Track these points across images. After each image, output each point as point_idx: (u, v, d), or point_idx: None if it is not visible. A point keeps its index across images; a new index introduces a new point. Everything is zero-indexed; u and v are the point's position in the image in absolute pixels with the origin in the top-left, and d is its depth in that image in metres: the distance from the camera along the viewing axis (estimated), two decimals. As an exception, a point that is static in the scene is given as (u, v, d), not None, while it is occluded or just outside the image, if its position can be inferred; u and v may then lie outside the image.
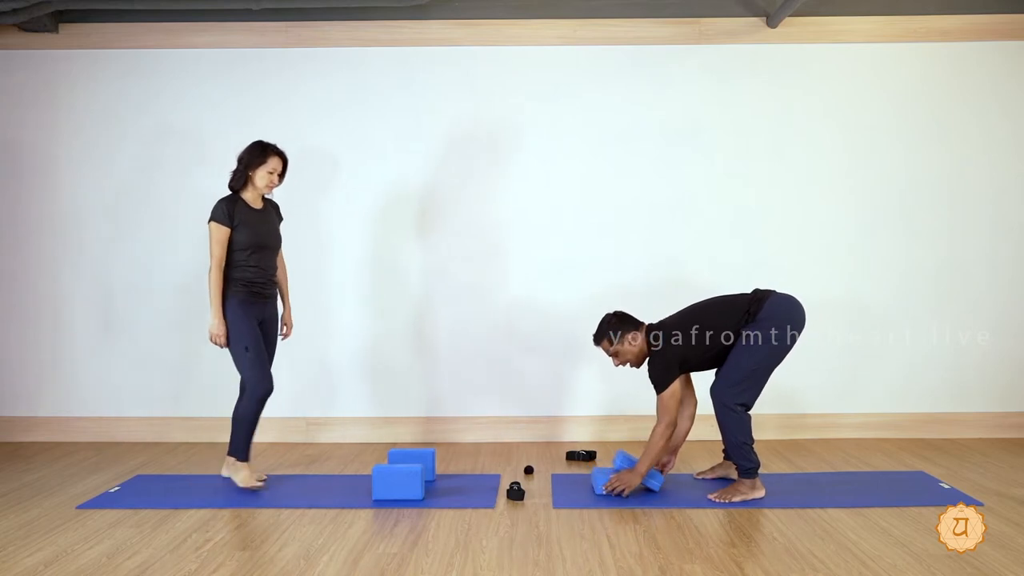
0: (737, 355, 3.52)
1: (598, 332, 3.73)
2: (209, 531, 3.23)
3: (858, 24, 4.66)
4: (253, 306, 3.74)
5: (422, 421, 4.74)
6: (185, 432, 4.77)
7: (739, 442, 3.51)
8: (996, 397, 4.72)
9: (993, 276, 4.70)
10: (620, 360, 3.72)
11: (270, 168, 3.75)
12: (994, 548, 2.94)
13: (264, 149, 3.76)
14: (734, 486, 3.56)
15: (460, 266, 4.70)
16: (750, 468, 3.53)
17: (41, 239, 4.77)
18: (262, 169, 3.74)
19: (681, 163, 4.69)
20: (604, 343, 3.70)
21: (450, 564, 2.87)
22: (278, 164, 3.78)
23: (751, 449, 3.53)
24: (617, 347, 3.67)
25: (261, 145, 3.77)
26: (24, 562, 2.92)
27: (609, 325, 3.70)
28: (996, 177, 4.69)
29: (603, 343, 3.71)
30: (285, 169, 3.84)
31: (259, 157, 3.73)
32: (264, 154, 3.74)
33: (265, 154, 3.74)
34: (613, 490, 3.55)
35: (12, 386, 4.81)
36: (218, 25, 4.68)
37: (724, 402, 3.52)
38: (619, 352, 3.69)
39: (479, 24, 4.67)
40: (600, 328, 3.73)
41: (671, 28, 4.67)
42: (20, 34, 4.69)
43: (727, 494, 3.52)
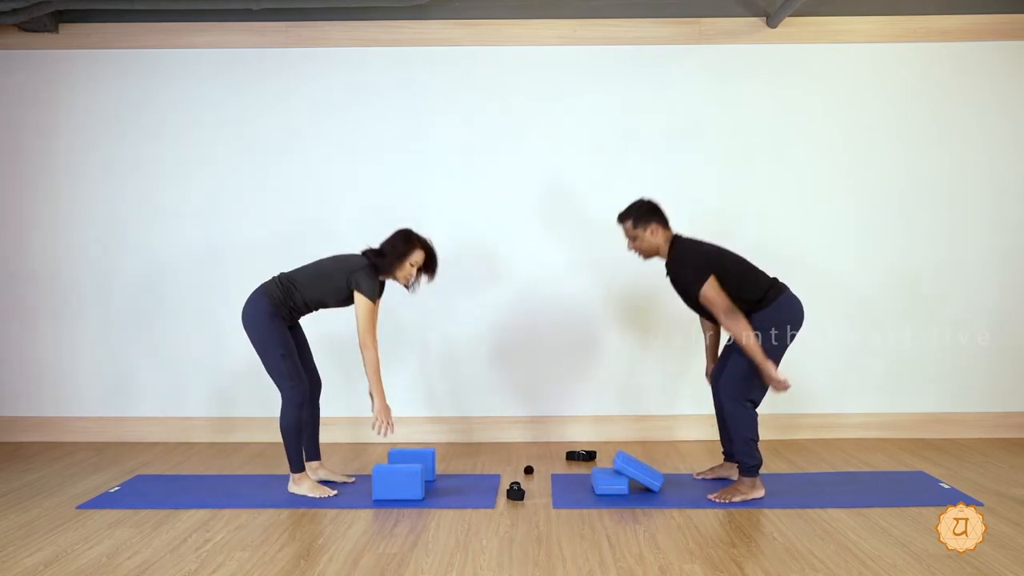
0: (740, 353, 3.52)
1: (627, 210, 3.64)
2: (209, 531, 3.23)
3: (858, 24, 4.66)
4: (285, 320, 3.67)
5: (422, 421, 4.74)
6: (185, 432, 4.77)
7: (747, 438, 3.50)
8: (996, 397, 4.72)
9: (993, 276, 4.70)
10: (635, 245, 3.65)
11: (412, 260, 3.66)
12: (994, 548, 2.94)
13: (408, 240, 3.66)
14: (734, 486, 3.56)
15: (458, 266, 4.70)
16: (752, 466, 3.53)
17: (41, 239, 4.77)
18: (404, 260, 3.64)
19: (681, 163, 4.69)
20: (628, 222, 3.62)
21: (450, 564, 2.87)
22: (420, 257, 3.68)
23: (756, 446, 3.53)
24: (638, 231, 3.60)
25: (405, 236, 3.67)
26: (24, 562, 2.92)
27: (640, 208, 3.62)
28: (996, 177, 4.69)
29: (627, 222, 3.62)
30: (429, 262, 3.72)
31: (404, 247, 3.63)
32: (408, 245, 3.65)
33: (410, 245, 3.65)
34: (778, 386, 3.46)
35: (12, 386, 4.81)
36: (218, 25, 4.68)
37: (733, 396, 3.51)
38: (638, 236, 3.61)
39: (479, 24, 4.67)
40: (631, 207, 3.64)
41: (671, 28, 4.67)
42: (20, 34, 4.70)
43: (727, 494, 3.52)
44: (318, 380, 3.89)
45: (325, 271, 3.66)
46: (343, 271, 3.61)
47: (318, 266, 3.70)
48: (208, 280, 4.72)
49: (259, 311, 3.59)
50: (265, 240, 4.71)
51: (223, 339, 4.66)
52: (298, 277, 3.66)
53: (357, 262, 3.63)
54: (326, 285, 3.63)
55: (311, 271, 3.68)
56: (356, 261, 3.64)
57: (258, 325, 3.58)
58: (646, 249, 3.65)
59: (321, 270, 3.67)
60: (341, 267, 3.63)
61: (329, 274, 3.64)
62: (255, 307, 3.61)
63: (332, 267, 3.66)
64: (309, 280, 3.64)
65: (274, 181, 4.72)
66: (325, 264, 3.70)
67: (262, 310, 3.59)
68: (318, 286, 3.64)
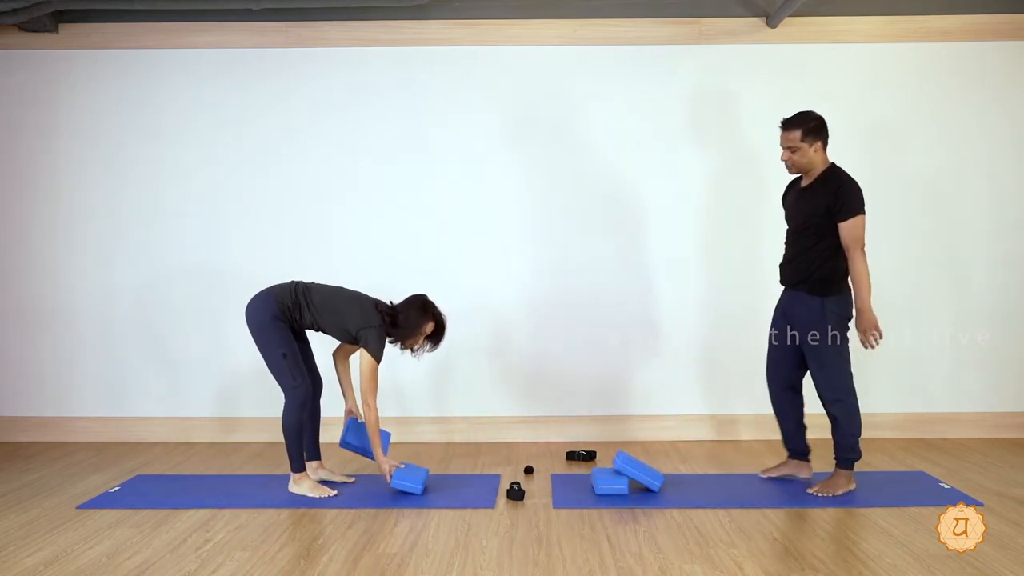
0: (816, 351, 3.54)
1: (797, 119, 3.49)
2: (209, 531, 3.23)
3: (858, 24, 4.66)
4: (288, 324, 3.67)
5: (422, 421, 4.74)
6: (185, 432, 4.77)
7: (854, 434, 3.55)
8: (996, 397, 4.72)
9: (993, 276, 4.70)
10: (794, 157, 3.50)
11: (424, 331, 3.67)
12: (994, 548, 2.94)
13: (424, 312, 3.66)
14: (833, 480, 3.58)
15: (457, 266, 4.70)
16: (854, 460, 3.57)
17: (41, 239, 4.77)
18: (418, 333, 3.66)
19: (681, 163, 4.69)
20: (796, 131, 3.46)
21: (450, 564, 2.87)
22: (431, 328, 3.69)
23: (858, 440, 3.58)
24: (804, 144, 3.46)
25: (422, 306, 3.67)
26: (24, 562, 2.92)
27: (812, 121, 3.47)
28: (996, 177, 4.69)
29: (795, 131, 3.47)
30: (436, 334, 3.72)
31: (419, 320, 3.64)
32: (423, 318, 3.65)
33: (425, 318, 3.66)
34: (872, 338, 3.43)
35: (12, 386, 4.81)
36: (218, 25, 4.68)
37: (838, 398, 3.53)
38: (801, 150, 3.47)
39: (479, 24, 4.67)
40: (801, 117, 3.50)
41: (671, 28, 4.67)
42: (20, 34, 4.70)
43: (828, 488, 3.55)
44: (319, 381, 3.90)
45: (340, 307, 3.62)
46: (357, 319, 3.58)
47: (335, 298, 3.66)
48: (208, 280, 4.72)
49: (264, 311, 3.59)
50: (265, 240, 4.71)
51: (223, 339, 4.66)
52: (314, 297, 3.63)
53: (372, 318, 3.60)
54: (336, 321, 3.62)
55: (328, 300, 3.64)
56: (371, 316, 3.60)
57: (261, 324, 3.59)
58: (803, 164, 3.52)
59: (337, 304, 3.63)
60: (355, 313, 3.60)
61: (343, 313, 3.61)
62: (261, 306, 3.61)
63: (347, 308, 3.62)
64: (323, 306, 3.62)
65: (274, 181, 4.72)
66: (343, 299, 3.66)
67: (267, 311, 3.59)
68: (329, 317, 3.62)
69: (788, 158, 3.54)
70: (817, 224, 3.50)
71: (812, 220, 3.51)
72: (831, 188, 3.47)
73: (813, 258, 3.52)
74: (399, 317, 3.64)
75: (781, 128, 3.55)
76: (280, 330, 3.59)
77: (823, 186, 3.51)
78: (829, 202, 3.45)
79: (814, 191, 3.54)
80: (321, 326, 3.65)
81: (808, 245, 3.53)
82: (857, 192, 3.46)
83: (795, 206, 3.65)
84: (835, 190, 3.45)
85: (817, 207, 3.49)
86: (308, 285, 3.69)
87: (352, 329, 3.59)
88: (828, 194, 3.47)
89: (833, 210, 3.45)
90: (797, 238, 3.61)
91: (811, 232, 3.52)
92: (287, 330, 3.63)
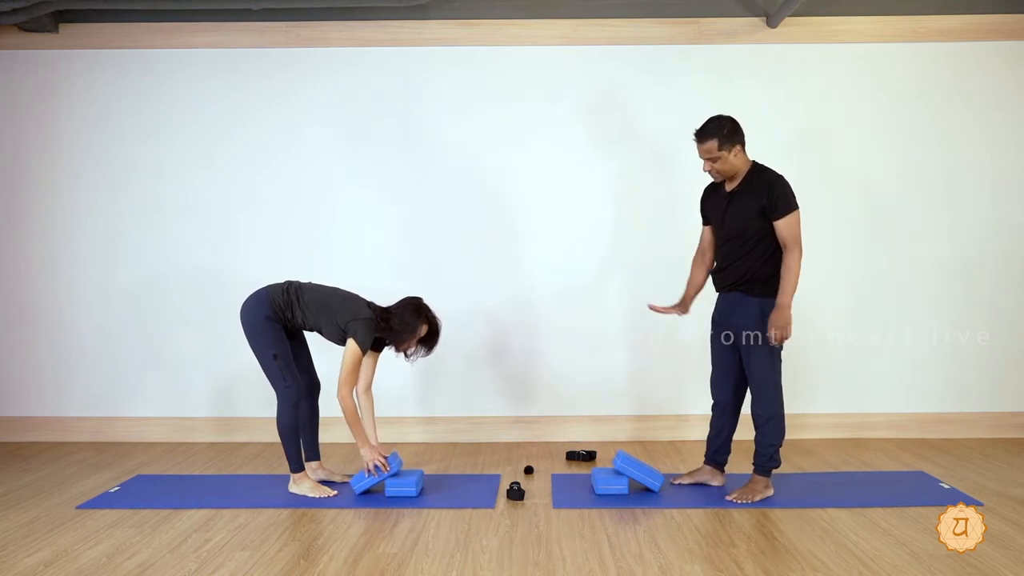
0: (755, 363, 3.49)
1: (708, 129, 3.41)
2: (209, 531, 3.23)
3: (858, 24, 4.66)
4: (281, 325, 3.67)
5: (421, 421, 4.74)
6: (185, 432, 4.77)
7: (776, 444, 3.52)
8: (996, 397, 4.72)
9: (993, 276, 4.70)
10: (718, 166, 3.43)
11: (417, 334, 3.66)
12: (994, 548, 2.94)
13: (418, 314, 3.64)
14: (751, 486, 3.54)
15: (457, 266, 4.70)
16: (772, 468, 3.54)
17: (41, 239, 4.77)
18: (411, 336, 3.65)
19: (681, 163, 4.68)
20: (711, 142, 3.39)
21: (450, 564, 2.87)
22: (425, 331, 3.68)
23: (779, 450, 3.55)
24: (723, 152, 3.39)
25: (415, 308, 3.65)
26: (24, 562, 2.92)
27: (724, 127, 3.39)
28: (996, 177, 4.69)
29: (709, 142, 3.39)
30: (430, 338, 3.72)
31: (413, 321, 3.62)
32: (417, 320, 3.63)
33: (419, 320, 3.64)
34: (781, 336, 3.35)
35: (12, 386, 4.81)
36: (218, 25, 4.68)
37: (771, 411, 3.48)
38: (722, 157, 3.40)
39: (479, 24, 4.67)
40: (712, 125, 3.41)
41: (671, 28, 4.67)
42: (20, 34, 4.70)
43: (746, 494, 3.50)
44: (317, 381, 3.89)
45: (332, 305, 3.62)
46: (347, 314, 3.58)
47: (328, 296, 3.66)
48: (208, 280, 4.72)
49: (257, 311, 3.60)
50: (264, 240, 4.71)
51: (223, 339, 4.66)
52: (305, 296, 3.63)
53: (362, 312, 3.60)
54: (328, 317, 3.61)
55: (320, 297, 3.65)
56: (362, 310, 3.61)
57: (253, 324, 3.60)
58: (727, 171, 3.45)
59: (329, 301, 3.63)
60: (347, 309, 3.60)
61: (335, 309, 3.61)
62: (254, 307, 3.62)
63: (339, 305, 3.62)
64: (315, 305, 3.62)
65: (274, 181, 4.72)
66: (335, 297, 3.66)
67: (260, 311, 3.59)
68: (320, 315, 3.62)
69: (711, 168, 3.48)
70: (752, 227, 3.44)
71: (746, 224, 3.44)
72: (760, 189, 3.41)
73: (752, 262, 3.46)
74: (393, 319, 3.64)
75: (696, 140, 3.47)
76: (272, 330, 3.59)
77: (751, 188, 3.45)
78: (762, 203, 3.39)
79: (743, 194, 3.47)
80: (313, 325, 3.65)
81: (745, 250, 3.46)
82: (788, 188, 3.41)
83: (725, 212, 3.54)
84: (765, 190, 3.39)
85: (749, 210, 3.43)
86: (301, 285, 3.69)
87: (341, 323, 3.58)
88: (758, 195, 3.41)
89: (767, 210, 3.39)
90: (732, 244, 3.51)
91: (747, 236, 3.45)
92: (280, 330, 3.62)
